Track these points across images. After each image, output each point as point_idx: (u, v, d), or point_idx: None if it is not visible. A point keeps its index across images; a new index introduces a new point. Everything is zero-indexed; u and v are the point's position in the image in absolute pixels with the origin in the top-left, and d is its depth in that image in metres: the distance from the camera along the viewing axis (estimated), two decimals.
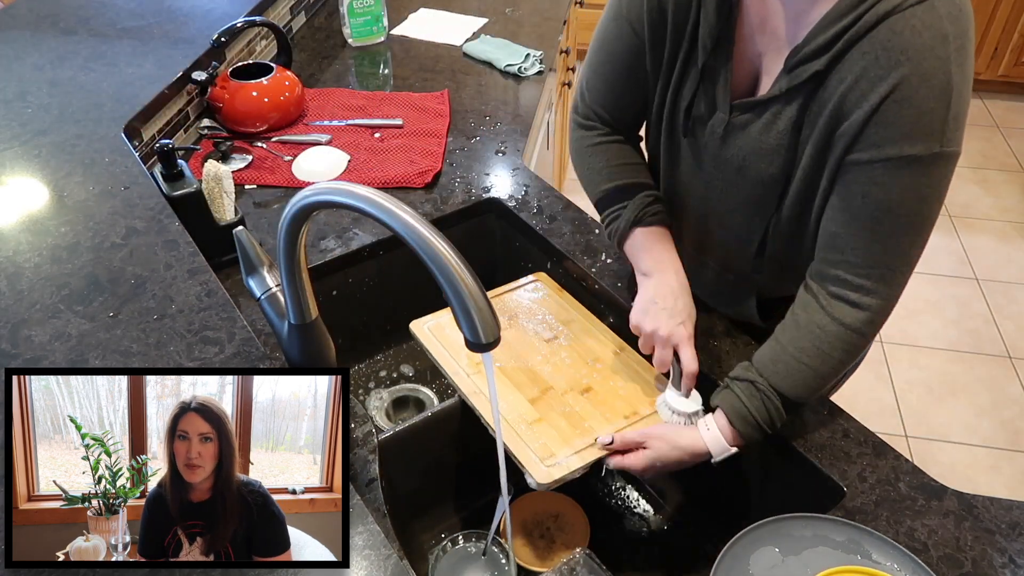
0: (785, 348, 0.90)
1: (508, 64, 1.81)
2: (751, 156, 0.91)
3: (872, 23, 0.76)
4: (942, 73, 0.75)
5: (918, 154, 0.78)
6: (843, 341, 0.88)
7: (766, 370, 0.91)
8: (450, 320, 1.14)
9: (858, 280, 0.86)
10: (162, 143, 1.17)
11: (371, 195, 0.67)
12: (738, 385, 0.92)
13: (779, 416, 0.90)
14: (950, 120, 0.77)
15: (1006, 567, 0.82)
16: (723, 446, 0.91)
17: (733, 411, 0.91)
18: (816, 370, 0.89)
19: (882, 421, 2.35)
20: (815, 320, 0.89)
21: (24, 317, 0.97)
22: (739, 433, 0.90)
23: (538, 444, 0.96)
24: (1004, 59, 3.74)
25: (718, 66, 0.91)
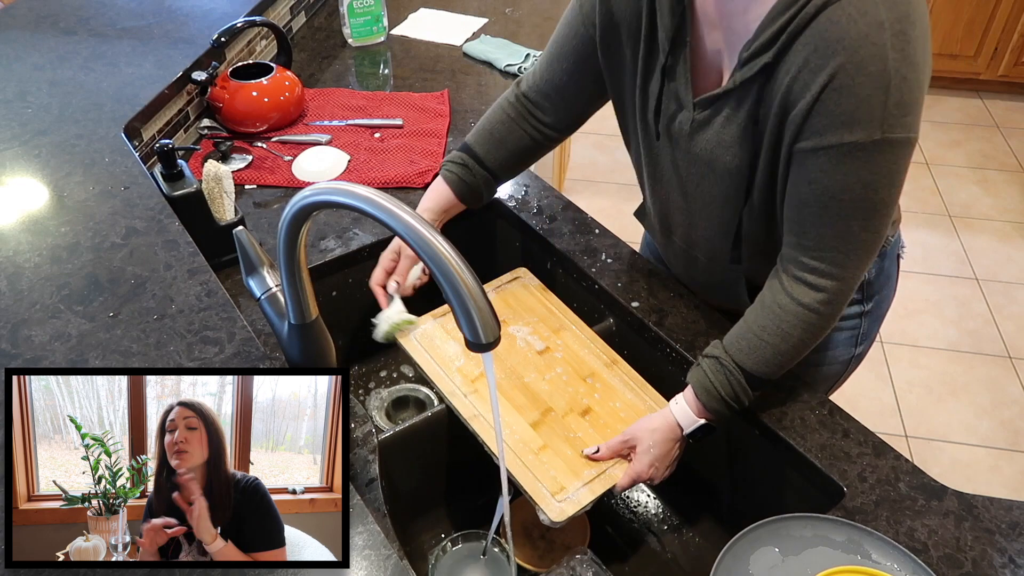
0: (750, 327, 0.94)
1: (508, 64, 1.81)
2: (717, 149, 0.93)
3: (812, 14, 0.78)
4: (878, 60, 0.76)
5: (858, 140, 0.79)
6: (801, 320, 0.91)
7: (731, 347, 0.94)
8: (439, 330, 1.13)
9: (813, 262, 0.89)
10: (162, 143, 1.17)
11: (371, 195, 0.67)
12: (705, 361, 0.96)
13: (743, 390, 0.93)
14: (891, 107, 0.78)
15: (1006, 567, 0.82)
16: (691, 418, 0.95)
17: (699, 384, 0.95)
18: (776, 347, 0.92)
19: (882, 421, 2.35)
20: (777, 300, 0.92)
21: (24, 317, 0.97)
22: (704, 406, 0.94)
23: (547, 477, 0.97)
24: (1004, 59, 3.74)
25: (677, 65, 0.94)
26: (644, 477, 0.97)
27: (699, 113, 0.93)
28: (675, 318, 1.13)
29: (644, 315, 1.14)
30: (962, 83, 3.93)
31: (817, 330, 0.92)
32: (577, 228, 1.30)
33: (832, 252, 0.88)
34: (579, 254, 1.24)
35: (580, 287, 1.24)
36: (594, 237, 1.28)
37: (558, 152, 2.65)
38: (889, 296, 1.18)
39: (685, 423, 0.96)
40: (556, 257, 1.28)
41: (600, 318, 1.22)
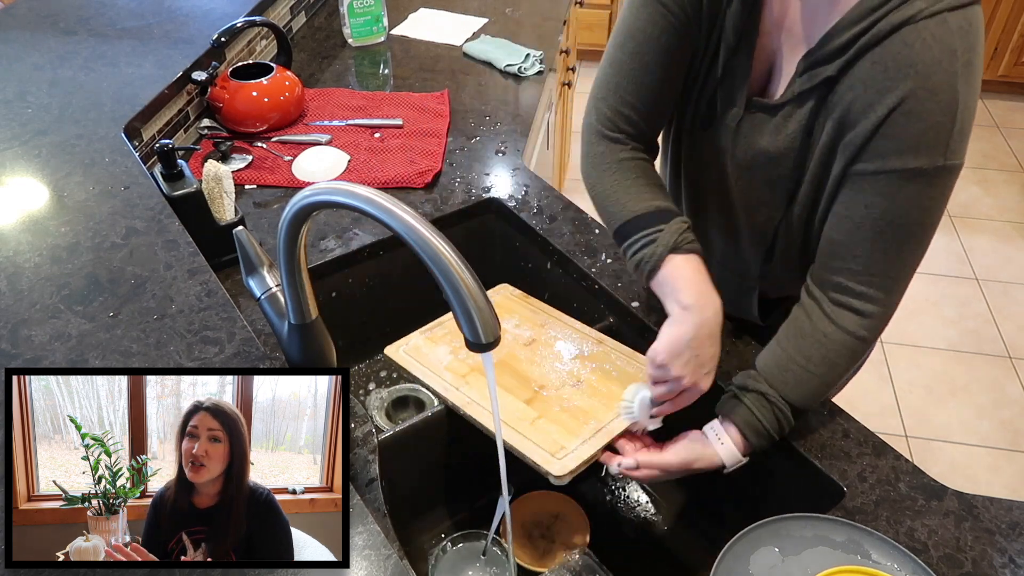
0: (792, 357, 0.90)
1: (508, 64, 1.81)
2: (760, 157, 0.91)
3: (885, 32, 0.76)
4: (949, 87, 0.75)
5: (923, 167, 0.78)
6: (848, 348, 0.88)
7: (775, 380, 0.90)
8: (425, 341, 1.14)
9: (860, 287, 0.86)
10: (162, 143, 1.17)
11: (371, 195, 0.67)
12: (749, 396, 0.90)
13: (788, 424, 0.91)
14: (955, 134, 0.77)
15: (1006, 567, 0.82)
16: (736, 457, 0.91)
17: (747, 425, 0.90)
18: (823, 378, 0.89)
19: (882, 421, 2.35)
20: (820, 328, 0.89)
21: (24, 317, 0.97)
22: (750, 444, 0.91)
23: (546, 440, 0.96)
24: (1004, 59, 3.74)
25: (739, 60, 0.91)
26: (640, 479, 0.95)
27: (750, 114, 0.91)
28: None
29: (644, 315, 1.14)
30: None
31: (860, 356, 0.90)
32: (577, 228, 1.30)
33: (882, 277, 0.86)
34: (579, 254, 1.24)
35: (580, 287, 1.24)
36: (594, 237, 1.28)
37: (558, 152, 2.65)
38: None
39: (730, 463, 0.92)
40: (556, 257, 1.28)
41: (600, 318, 1.22)
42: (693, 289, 0.90)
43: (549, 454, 0.94)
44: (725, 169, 0.97)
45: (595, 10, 3.92)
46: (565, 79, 2.55)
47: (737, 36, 0.89)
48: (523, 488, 1.15)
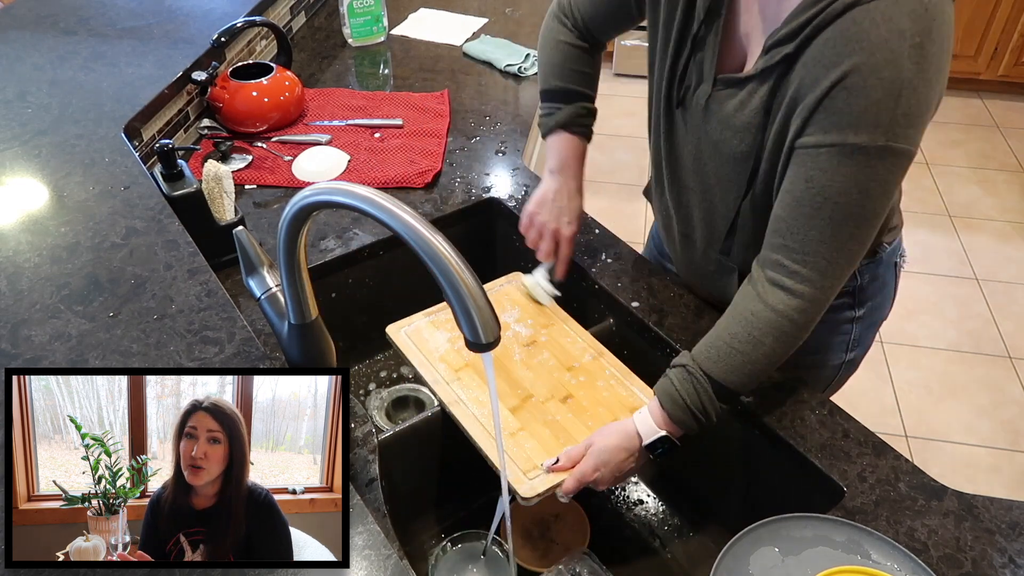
0: (720, 335, 0.92)
1: (508, 64, 1.81)
2: (726, 131, 0.93)
3: (839, 11, 0.78)
4: (893, 66, 0.76)
5: (862, 143, 0.79)
6: (774, 327, 0.88)
7: (700, 356, 0.92)
8: (428, 324, 1.14)
9: (794, 266, 0.87)
10: (162, 143, 1.17)
11: (371, 195, 0.67)
12: (672, 371, 0.94)
13: (710, 402, 0.90)
14: (899, 116, 0.77)
15: (1006, 567, 0.82)
16: (652, 428, 0.93)
17: (664, 394, 0.92)
18: (747, 355, 0.89)
19: (882, 421, 2.35)
20: (749, 307, 0.90)
21: (24, 317, 0.97)
22: (668, 415, 0.92)
23: (521, 456, 0.97)
24: (1004, 59, 3.74)
25: (708, 37, 0.93)
26: (587, 479, 0.93)
27: (717, 90, 0.93)
28: (675, 318, 1.13)
29: (644, 315, 1.14)
30: (962, 83, 3.93)
31: (790, 340, 0.89)
32: None
33: (816, 257, 0.86)
34: (579, 254, 1.24)
35: (580, 287, 1.24)
36: (594, 237, 1.28)
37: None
38: (884, 304, 1.16)
39: (645, 433, 0.93)
40: None
41: (600, 318, 1.22)
42: (559, 158, 1.14)
43: (522, 472, 0.95)
44: (700, 146, 0.99)
45: None
46: None
47: (706, 11, 0.91)
48: None
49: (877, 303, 1.14)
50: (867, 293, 1.11)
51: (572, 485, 0.94)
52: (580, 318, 1.25)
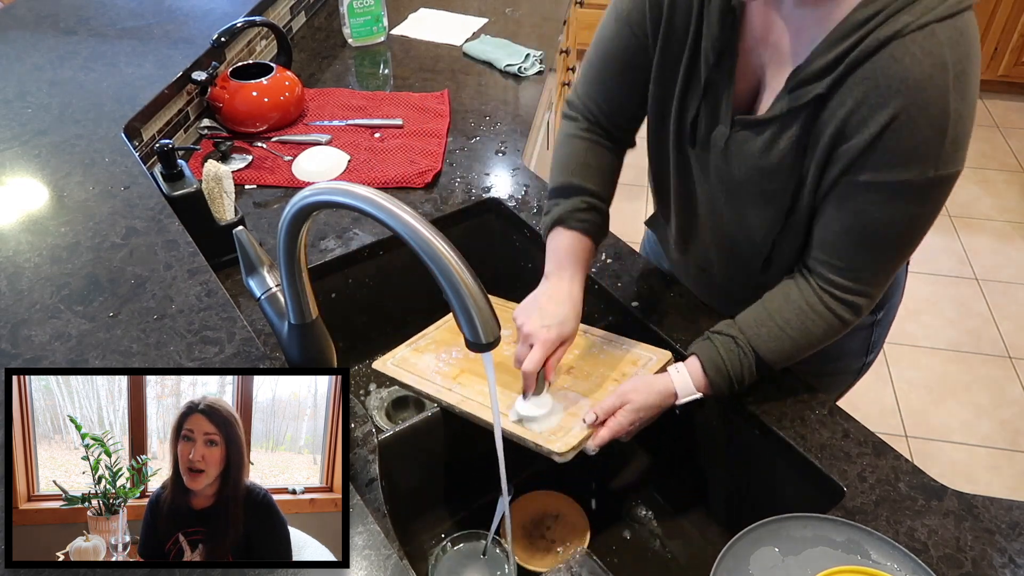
0: (772, 316, 0.93)
1: (508, 64, 1.81)
2: (753, 173, 0.92)
3: (873, 48, 0.76)
4: (941, 101, 0.75)
5: (912, 180, 0.80)
6: (827, 324, 0.92)
7: (749, 330, 0.94)
8: (412, 352, 1.14)
9: (844, 282, 0.90)
10: (162, 143, 1.17)
11: (371, 195, 0.67)
12: (718, 338, 0.95)
13: (750, 374, 0.93)
14: (947, 145, 0.77)
15: (1006, 567, 0.82)
16: (690, 388, 0.94)
17: (708, 359, 0.94)
18: (795, 341, 0.92)
19: (882, 421, 2.35)
20: (807, 300, 0.92)
21: (24, 317, 0.97)
22: (709, 381, 0.93)
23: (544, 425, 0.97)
24: (1004, 59, 3.74)
25: (720, 79, 0.91)
26: (621, 432, 0.94)
27: (736, 131, 0.91)
28: (675, 318, 1.13)
29: (644, 315, 1.14)
30: None
31: (835, 334, 0.93)
32: None
33: (866, 275, 0.89)
34: None
35: None
36: None
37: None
38: (897, 304, 1.17)
39: (683, 393, 0.95)
40: None
41: (600, 318, 1.22)
42: (555, 260, 1.02)
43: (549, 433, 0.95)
44: (716, 185, 0.98)
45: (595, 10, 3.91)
46: (565, 79, 2.55)
47: (717, 54, 0.89)
48: (523, 488, 1.15)
49: (893, 304, 1.16)
50: (886, 296, 1.11)
51: (607, 436, 0.94)
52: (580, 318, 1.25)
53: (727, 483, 1.11)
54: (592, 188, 1.05)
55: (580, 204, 1.03)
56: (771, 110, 0.86)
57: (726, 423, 1.05)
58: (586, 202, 1.03)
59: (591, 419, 0.94)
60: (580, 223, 1.02)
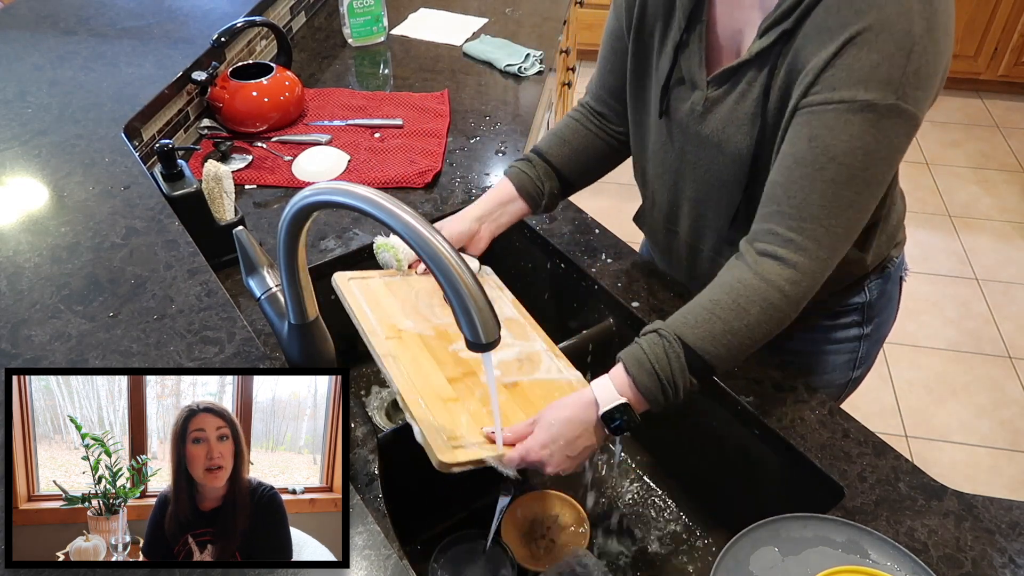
0: (699, 302, 0.86)
1: (508, 64, 1.81)
2: (729, 127, 0.92)
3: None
4: (904, 21, 0.75)
5: (872, 101, 0.77)
6: (762, 297, 0.82)
7: (675, 321, 0.85)
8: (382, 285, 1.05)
9: (788, 233, 0.82)
10: (162, 143, 1.17)
11: (371, 195, 0.67)
12: (643, 338, 0.86)
13: (681, 371, 0.82)
14: (910, 74, 0.76)
15: (1006, 567, 0.82)
16: (611, 393, 0.84)
17: (629, 356, 0.84)
18: (728, 324, 0.82)
19: (882, 421, 2.35)
20: (736, 275, 0.85)
21: (24, 317, 0.97)
22: (633, 380, 0.83)
23: (448, 423, 0.87)
24: (1004, 59, 3.74)
25: (691, 42, 0.93)
26: (533, 457, 0.84)
27: (712, 91, 0.92)
28: None
29: (644, 315, 1.14)
30: (962, 83, 3.93)
31: (777, 314, 0.83)
32: (577, 228, 1.30)
33: (813, 224, 0.81)
34: (579, 254, 1.24)
35: (580, 287, 1.24)
36: (594, 237, 1.28)
37: None
38: (889, 320, 1.15)
39: (603, 400, 0.84)
40: (556, 257, 1.28)
41: (600, 318, 1.22)
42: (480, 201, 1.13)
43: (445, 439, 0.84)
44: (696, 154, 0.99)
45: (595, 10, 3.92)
46: (565, 79, 2.55)
47: (687, 19, 0.92)
48: (523, 488, 1.15)
49: (884, 319, 1.14)
50: (875, 309, 1.10)
51: (514, 456, 0.85)
52: (580, 318, 1.25)
53: (727, 483, 1.11)
54: (541, 148, 1.15)
55: (521, 157, 1.15)
56: (742, 57, 0.88)
57: (726, 423, 1.05)
58: (526, 156, 1.15)
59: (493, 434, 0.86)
60: (509, 169, 1.14)
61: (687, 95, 0.96)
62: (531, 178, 1.12)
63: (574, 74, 2.72)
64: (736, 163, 0.94)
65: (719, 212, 1.02)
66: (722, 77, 0.91)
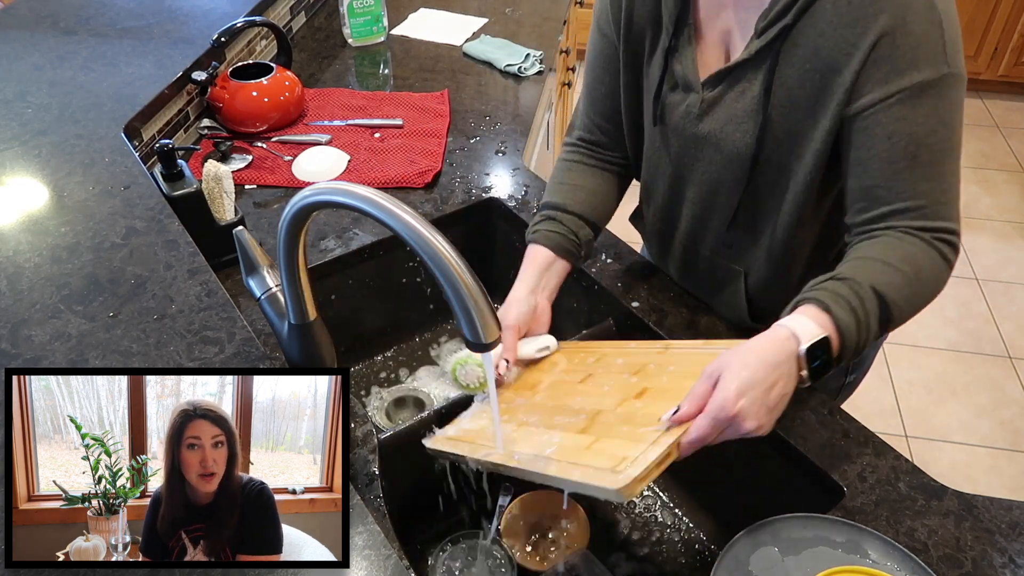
0: (872, 259, 0.81)
1: (508, 64, 1.81)
2: (728, 127, 0.92)
3: None
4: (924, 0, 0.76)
5: (928, 79, 0.78)
6: (927, 254, 0.81)
7: (852, 271, 0.79)
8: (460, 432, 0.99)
9: (917, 223, 0.81)
10: (162, 143, 1.17)
11: (371, 195, 0.67)
12: (820, 287, 0.79)
13: (875, 314, 0.77)
14: (948, 41, 0.77)
15: (1006, 567, 0.82)
16: (812, 328, 0.74)
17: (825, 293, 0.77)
18: (905, 274, 0.79)
19: (882, 421, 2.35)
20: (886, 239, 0.82)
21: (24, 317, 0.97)
22: (833, 317, 0.75)
23: (602, 458, 0.74)
24: (1004, 59, 3.74)
25: (680, 46, 0.93)
26: (729, 412, 0.70)
27: (708, 92, 0.92)
28: (675, 318, 1.13)
29: (644, 315, 1.14)
30: None
31: (941, 274, 0.82)
32: None
33: (936, 206, 0.81)
34: None
35: (580, 287, 1.24)
36: None
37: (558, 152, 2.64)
38: None
39: (804, 333, 0.74)
40: None
41: (600, 318, 1.22)
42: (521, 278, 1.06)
43: (608, 468, 0.71)
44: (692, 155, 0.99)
45: None
46: (565, 79, 2.55)
47: (674, 24, 0.92)
48: (523, 488, 1.15)
49: None
50: None
51: (706, 427, 0.71)
52: (580, 318, 1.25)
53: (727, 483, 1.11)
54: (556, 202, 1.08)
55: (539, 218, 1.09)
56: (740, 56, 0.88)
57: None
58: (543, 214, 1.08)
59: (669, 414, 0.73)
60: (533, 235, 1.07)
61: (682, 98, 0.96)
62: (562, 235, 1.06)
63: (574, 74, 2.72)
64: (735, 162, 0.94)
65: (719, 213, 1.02)
66: (718, 78, 0.91)
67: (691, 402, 0.72)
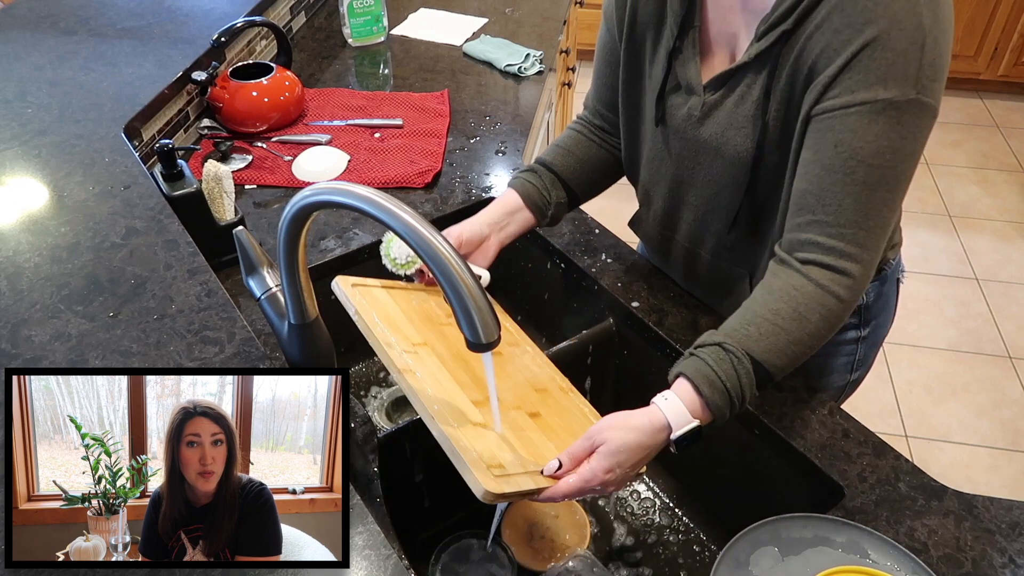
0: (758, 312, 0.83)
1: (508, 64, 1.81)
2: (729, 131, 0.92)
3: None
4: (913, 16, 0.75)
5: (893, 98, 0.77)
6: (820, 304, 0.82)
7: (736, 333, 0.82)
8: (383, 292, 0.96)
9: (831, 241, 0.82)
10: (162, 143, 1.17)
11: (371, 195, 0.67)
12: (704, 351, 0.83)
13: (749, 384, 0.81)
14: (926, 67, 0.76)
15: (1006, 567, 0.82)
16: (684, 416, 0.80)
17: (698, 374, 0.80)
18: (791, 334, 0.81)
19: (882, 421, 2.35)
20: (790, 282, 0.83)
21: (24, 317, 0.97)
22: (705, 401, 0.80)
23: (485, 446, 0.79)
24: (1004, 59, 3.74)
25: (685, 48, 0.93)
26: (595, 483, 0.79)
27: (710, 95, 0.93)
28: (675, 318, 1.13)
29: (644, 315, 1.14)
30: (962, 83, 3.93)
31: (834, 319, 0.83)
32: (577, 228, 1.30)
33: (853, 229, 0.81)
34: (579, 254, 1.24)
35: (580, 287, 1.24)
36: (594, 237, 1.28)
37: None
38: (887, 322, 1.15)
39: (676, 423, 0.80)
40: (556, 257, 1.28)
41: (600, 318, 1.22)
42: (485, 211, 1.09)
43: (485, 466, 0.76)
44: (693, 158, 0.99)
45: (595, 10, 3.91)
46: (565, 79, 2.55)
47: (679, 26, 0.92)
48: None
49: (881, 321, 1.13)
50: (872, 312, 1.10)
51: (574, 488, 0.79)
52: (580, 318, 1.25)
53: (727, 483, 1.11)
54: (545, 159, 1.13)
55: (524, 167, 1.13)
56: (740, 60, 0.88)
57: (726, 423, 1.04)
58: (530, 167, 1.12)
59: (553, 467, 0.80)
60: (513, 180, 1.11)
61: (683, 101, 0.96)
62: (537, 188, 1.08)
63: (574, 74, 2.72)
64: (736, 166, 0.94)
65: (719, 216, 1.02)
66: (719, 81, 0.91)
67: (570, 461, 0.81)
